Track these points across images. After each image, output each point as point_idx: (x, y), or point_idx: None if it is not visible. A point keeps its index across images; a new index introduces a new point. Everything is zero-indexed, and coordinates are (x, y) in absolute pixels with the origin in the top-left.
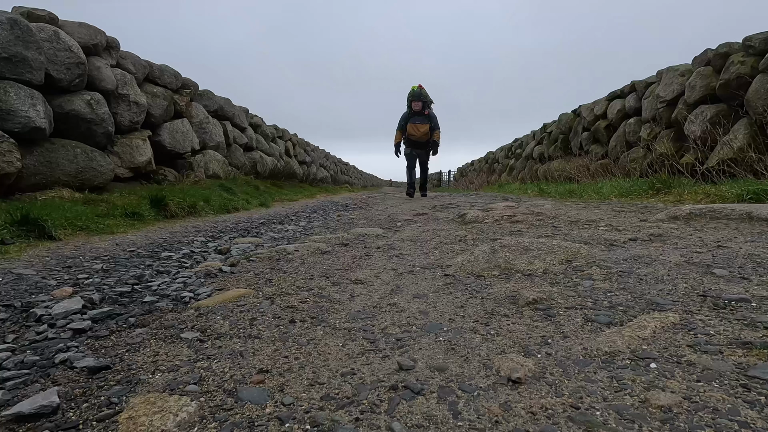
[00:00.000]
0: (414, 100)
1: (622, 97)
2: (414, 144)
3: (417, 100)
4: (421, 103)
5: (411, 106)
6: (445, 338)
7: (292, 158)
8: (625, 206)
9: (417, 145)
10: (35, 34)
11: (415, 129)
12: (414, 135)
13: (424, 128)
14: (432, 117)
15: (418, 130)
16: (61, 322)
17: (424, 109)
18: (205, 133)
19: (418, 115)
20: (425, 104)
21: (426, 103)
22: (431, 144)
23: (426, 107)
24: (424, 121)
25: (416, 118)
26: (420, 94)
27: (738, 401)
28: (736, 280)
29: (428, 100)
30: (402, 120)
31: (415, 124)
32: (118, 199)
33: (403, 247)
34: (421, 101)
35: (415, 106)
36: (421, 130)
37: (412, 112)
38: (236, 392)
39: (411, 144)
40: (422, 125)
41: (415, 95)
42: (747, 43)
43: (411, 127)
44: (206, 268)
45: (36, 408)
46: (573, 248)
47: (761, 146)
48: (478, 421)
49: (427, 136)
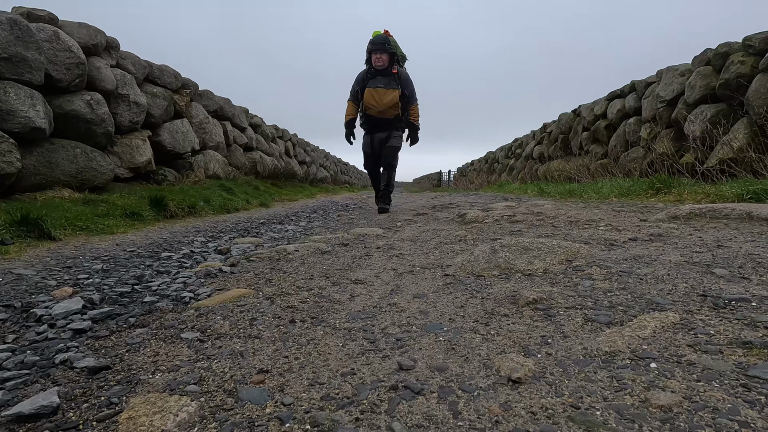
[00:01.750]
0: (375, 51)
1: (622, 96)
2: (375, 123)
3: (380, 50)
4: (386, 55)
5: (371, 60)
6: (445, 338)
7: (292, 158)
8: (625, 206)
9: (379, 125)
10: (35, 35)
11: (375, 97)
12: (374, 107)
13: (391, 96)
14: (404, 79)
15: (381, 100)
16: (61, 322)
17: (390, 66)
18: (205, 133)
19: (382, 75)
20: (393, 58)
21: (394, 55)
22: (405, 124)
23: (394, 63)
24: (390, 84)
25: (378, 80)
26: (385, 40)
27: (738, 401)
28: (736, 279)
29: (398, 53)
30: (356, 83)
31: (377, 89)
32: (118, 199)
33: (403, 247)
34: (387, 52)
35: (376, 60)
36: (386, 99)
37: (371, 70)
38: (236, 392)
39: (370, 123)
40: (388, 91)
41: (377, 43)
42: (747, 42)
43: (370, 94)
44: (206, 268)
45: (36, 408)
46: (573, 248)
47: (761, 146)
48: (478, 421)
49: (396, 110)
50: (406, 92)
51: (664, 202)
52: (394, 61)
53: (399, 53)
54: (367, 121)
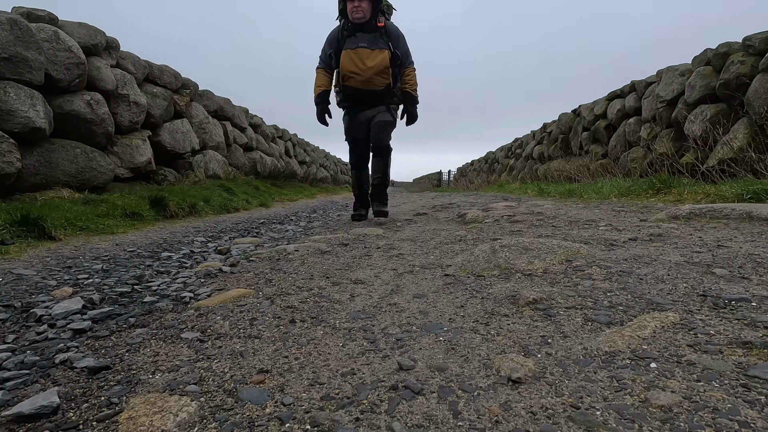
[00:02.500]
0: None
1: (622, 96)
2: (358, 99)
3: None
4: (366, 2)
5: (347, 11)
6: (445, 338)
7: (292, 158)
8: (625, 206)
9: (364, 100)
10: (35, 35)
11: (357, 62)
12: (356, 75)
13: (379, 59)
14: (394, 35)
15: (365, 65)
16: (61, 322)
17: (374, 17)
18: (205, 133)
19: (364, 32)
20: (377, 6)
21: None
22: (400, 95)
23: (378, 14)
24: (377, 43)
25: (359, 38)
26: None
27: (738, 401)
28: (736, 279)
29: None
30: (327, 45)
31: (358, 50)
32: (118, 200)
33: (403, 247)
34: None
35: (354, 10)
36: (372, 63)
37: (348, 25)
38: (236, 392)
39: (351, 99)
40: (374, 52)
41: None
42: (747, 42)
43: (349, 58)
44: (206, 268)
45: (36, 408)
46: (573, 248)
47: (761, 146)
48: (478, 421)
49: (386, 78)
50: (398, 52)
51: (664, 202)
52: (380, 11)
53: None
54: (348, 97)
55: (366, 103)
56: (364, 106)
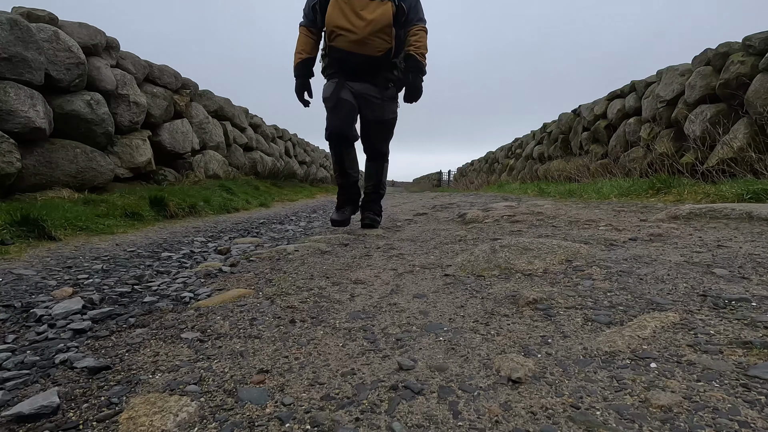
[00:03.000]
0: None
1: (622, 96)
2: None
3: None
4: None
5: None
6: (445, 338)
7: (292, 158)
8: (625, 206)
9: (358, 67)
10: (35, 35)
11: (347, 14)
12: (348, 32)
13: (380, 12)
14: None
15: (358, 18)
16: (61, 322)
17: None
18: (205, 133)
19: None
20: None
21: None
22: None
23: None
24: None
25: None
26: None
27: (738, 401)
28: (736, 279)
29: None
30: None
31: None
32: (118, 200)
33: (403, 247)
34: None
35: None
36: (371, 16)
37: None
38: (236, 392)
39: (342, 64)
40: (373, 3)
41: None
42: (747, 42)
43: (340, 10)
44: (206, 268)
45: (36, 408)
46: (573, 248)
47: (761, 146)
48: (478, 421)
49: (387, 40)
50: (403, 5)
51: (664, 202)
52: None
53: None
54: (337, 61)
55: (360, 73)
56: (356, 76)
